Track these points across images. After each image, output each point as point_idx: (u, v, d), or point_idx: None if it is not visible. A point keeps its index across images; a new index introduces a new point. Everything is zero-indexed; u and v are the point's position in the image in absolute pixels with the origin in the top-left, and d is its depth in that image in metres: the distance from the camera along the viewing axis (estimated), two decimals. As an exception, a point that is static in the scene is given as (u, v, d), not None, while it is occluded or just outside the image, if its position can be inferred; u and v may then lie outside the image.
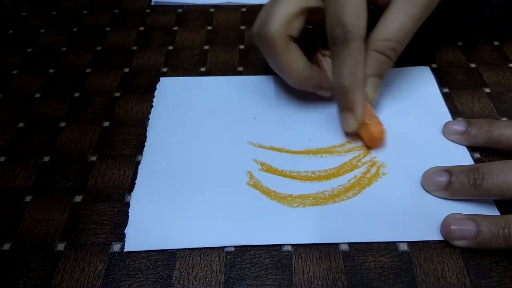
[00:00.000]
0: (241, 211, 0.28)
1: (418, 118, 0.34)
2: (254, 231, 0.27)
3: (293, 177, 0.30)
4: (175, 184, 0.30)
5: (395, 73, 0.37)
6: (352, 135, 0.32)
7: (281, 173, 0.30)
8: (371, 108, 0.32)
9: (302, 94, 0.36)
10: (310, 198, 0.29)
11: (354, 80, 0.30)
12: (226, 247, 0.27)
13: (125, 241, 0.27)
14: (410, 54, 0.39)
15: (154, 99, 0.37)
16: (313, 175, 0.30)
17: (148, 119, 0.35)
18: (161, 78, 0.38)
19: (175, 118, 0.35)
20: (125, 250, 0.27)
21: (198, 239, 0.27)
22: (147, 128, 0.34)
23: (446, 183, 0.28)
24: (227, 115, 0.35)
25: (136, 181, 0.30)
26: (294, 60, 0.32)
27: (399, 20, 0.30)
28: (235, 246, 0.27)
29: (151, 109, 0.36)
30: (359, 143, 0.32)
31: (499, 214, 0.27)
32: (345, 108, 0.31)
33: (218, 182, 0.30)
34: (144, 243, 0.27)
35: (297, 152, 0.32)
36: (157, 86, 0.38)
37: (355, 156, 0.31)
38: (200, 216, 0.28)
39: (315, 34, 0.34)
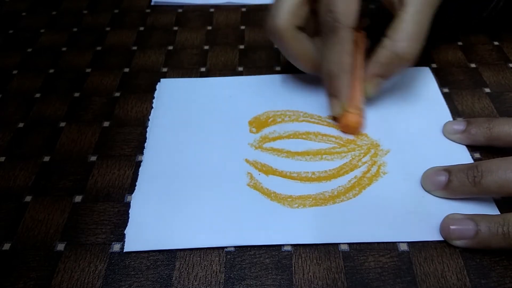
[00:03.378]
0: (241, 212, 0.28)
1: (418, 118, 0.34)
2: (254, 231, 0.27)
3: (293, 178, 0.30)
4: (175, 184, 0.30)
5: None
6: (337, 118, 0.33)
7: (281, 174, 0.30)
8: (360, 98, 0.32)
9: (302, 94, 0.36)
10: (310, 199, 0.29)
11: (340, 67, 0.31)
12: (226, 247, 0.27)
13: (125, 241, 0.27)
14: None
15: (154, 100, 0.37)
16: (313, 176, 0.30)
17: (148, 119, 0.35)
18: (161, 79, 0.38)
19: (175, 119, 0.35)
20: (125, 250, 0.27)
21: (198, 239, 0.27)
22: (147, 129, 0.34)
23: (446, 182, 0.28)
24: (227, 115, 0.35)
25: (137, 182, 0.30)
26: (304, 49, 0.33)
27: (415, 21, 0.30)
28: (235, 246, 0.27)
29: (151, 110, 0.36)
30: (358, 143, 0.32)
31: (499, 214, 0.27)
32: (331, 93, 0.33)
33: (218, 183, 0.30)
34: (144, 243, 0.27)
35: (297, 153, 0.32)
36: (157, 87, 0.38)
37: (355, 156, 0.31)
38: (200, 217, 0.28)
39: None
